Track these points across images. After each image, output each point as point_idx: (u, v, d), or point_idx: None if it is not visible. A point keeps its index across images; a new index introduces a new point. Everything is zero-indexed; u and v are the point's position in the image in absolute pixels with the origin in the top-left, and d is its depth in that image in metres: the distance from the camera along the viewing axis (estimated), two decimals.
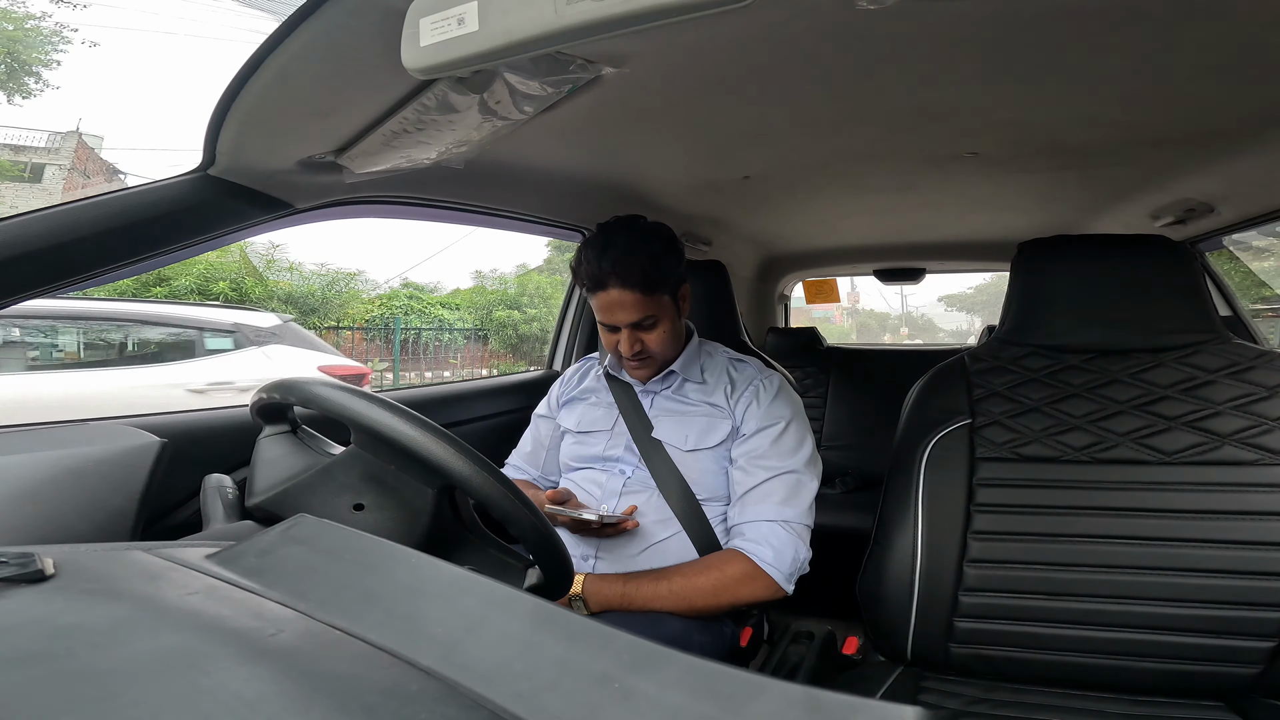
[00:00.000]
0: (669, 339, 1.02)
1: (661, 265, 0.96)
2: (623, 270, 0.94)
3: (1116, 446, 0.84)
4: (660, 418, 1.05)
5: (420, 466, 0.57)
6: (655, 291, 0.97)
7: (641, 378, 1.06)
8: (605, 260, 0.95)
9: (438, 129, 0.72)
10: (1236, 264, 4.51)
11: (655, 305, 0.98)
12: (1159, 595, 0.79)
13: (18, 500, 0.53)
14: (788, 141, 0.98)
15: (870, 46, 0.65)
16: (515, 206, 1.27)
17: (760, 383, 1.03)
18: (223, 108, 0.67)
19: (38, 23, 9.17)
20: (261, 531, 0.40)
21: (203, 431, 0.92)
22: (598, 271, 0.95)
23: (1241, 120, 0.87)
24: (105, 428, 0.68)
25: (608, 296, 0.97)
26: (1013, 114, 0.87)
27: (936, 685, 0.85)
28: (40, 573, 0.30)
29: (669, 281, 0.99)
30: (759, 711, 0.21)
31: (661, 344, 1.01)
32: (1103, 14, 0.59)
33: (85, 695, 0.21)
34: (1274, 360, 0.83)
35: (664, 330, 1.00)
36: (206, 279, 4.78)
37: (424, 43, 0.49)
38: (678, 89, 0.75)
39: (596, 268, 0.95)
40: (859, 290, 25.36)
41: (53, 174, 10.77)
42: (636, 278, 0.94)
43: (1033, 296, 0.94)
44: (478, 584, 0.31)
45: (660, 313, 0.99)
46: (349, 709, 0.22)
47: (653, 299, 0.97)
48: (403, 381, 6.73)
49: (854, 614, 0.95)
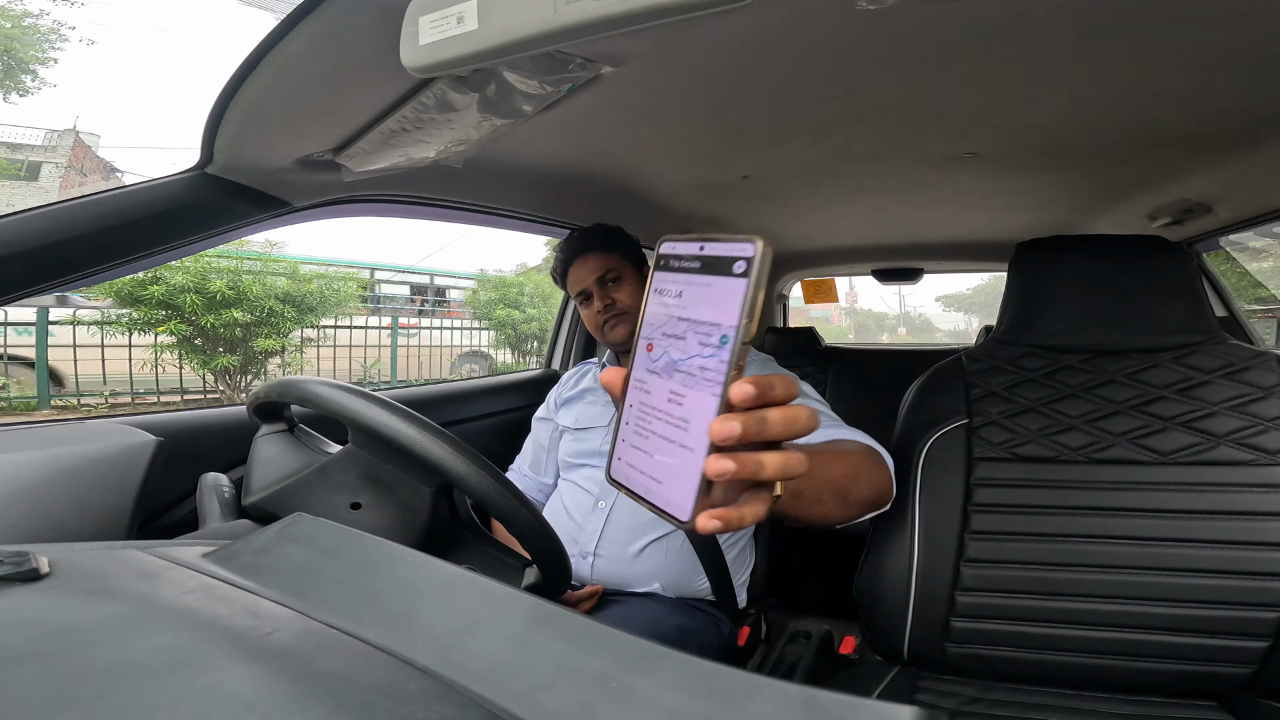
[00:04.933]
0: (637, 295, 1.12)
1: (615, 233, 1.15)
2: (581, 241, 1.13)
3: (1113, 446, 0.84)
4: None
5: (418, 465, 0.57)
6: (614, 251, 1.12)
7: (618, 336, 1.12)
8: (567, 243, 1.15)
9: (436, 128, 0.72)
10: (1233, 264, 4.52)
11: (616, 262, 1.12)
12: (1155, 595, 0.79)
13: (12, 499, 0.53)
14: (787, 141, 0.98)
15: (869, 47, 0.65)
16: (514, 205, 1.27)
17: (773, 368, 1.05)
18: (221, 106, 0.66)
19: (35, 20, 9.13)
20: (258, 530, 0.40)
21: (199, 430, 0.91)
22: (565, 255, 1.14)
23: (1239, 121, 0.87)
24: (101, 426, 0.68)
25: (574, 271, 1.13)
26: (1011, 115, 0.87)
27: (933, 685, 0.85)
28: (35, 571, 0.30)
29: (626, 246, 1.15)
30: (756, 711, 0.21)
31: (631, 298, 1.11)
32: (1102, 15, 0.59)
33: (80, 694, 0.21)
34: (1270, 361, 0.84)
35: (630, 287, 1.12)
36: (203, 277, 4.76)
37: (423, 41, 0.49)
38: (677, 89, 0.75)
39: (563, 253, 1.15)
40: (857, 290, 25.42)
41: (49, 172, 10.74)
42: (595, 240, 1.13)
43: (1030, 297, 0.94)
44: (475, 583, 0.31)
45: (622, 270, 1.12)
46: (346, 708, 0.22)
47: (612, 256, 1.12)
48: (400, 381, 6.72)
49: (851, 614, 0.95)
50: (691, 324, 0.32)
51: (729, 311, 0.30)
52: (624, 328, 1.11)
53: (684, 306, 0.33)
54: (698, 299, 0.32)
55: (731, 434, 0.29)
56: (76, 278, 0.72)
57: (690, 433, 0.31)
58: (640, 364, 0.34)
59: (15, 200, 9.74)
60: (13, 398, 4.71)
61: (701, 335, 0.31)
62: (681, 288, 0.33)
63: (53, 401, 4.75)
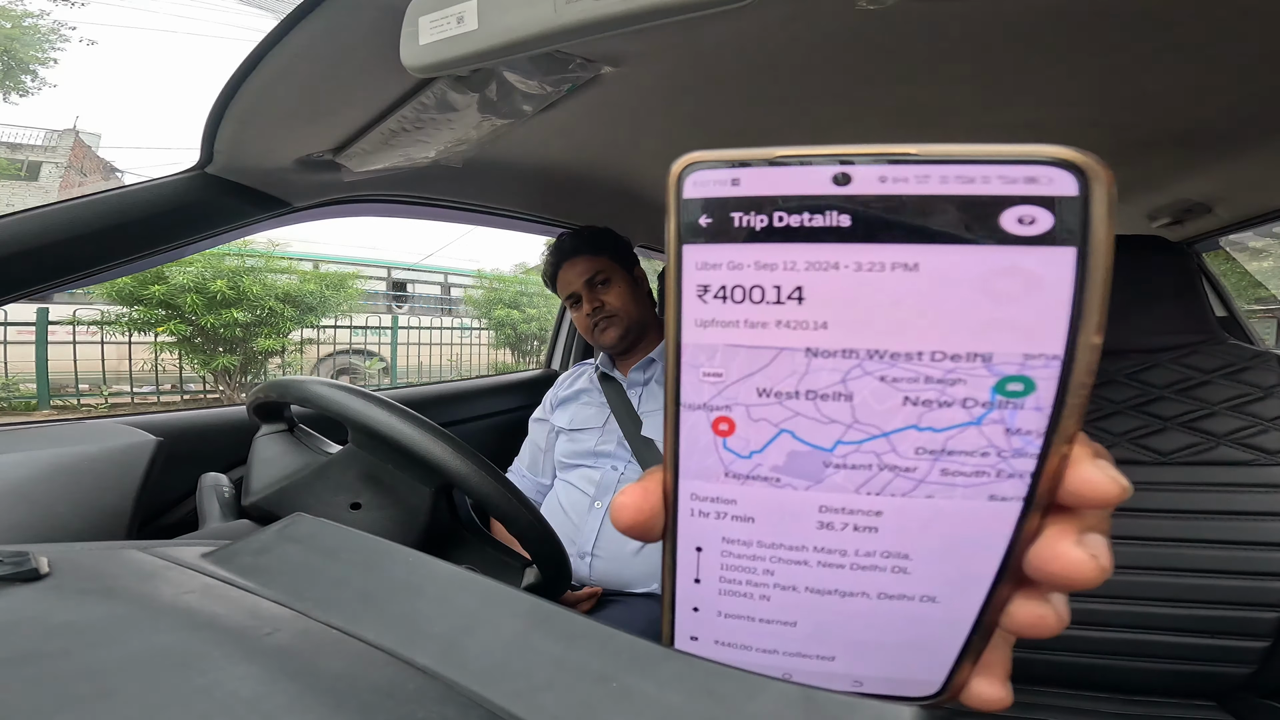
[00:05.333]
0: (627, 297, 1.12)
1: (603, 235, 1.14)
2: (569, 244, 1.14)
3: (1113, 446, 0.84)
4: (650, 414, 1.06)
5: (418, 465, 0.57)
6: (601, 253, 1.12)
7: (609, 340, 1.12)
8: (556, 247, 1.16)
9: (436, 128, 0.72)
10: (1233, 264, 4.52)
11: (604, 264, 1.11)
12: (1154, 595, 0.79)
13: (12, 498, 0.53)
14: (787, 141, 0.98)
15: (869, 47, 0.65)
16: (514, 205, 1.27)
17: None
18: (221, 106, 0.66)
19: (35, 21, 9.13)
20: (258, 530, 0.40)
21: (199, 430, 0.91)
22: (554, 259, 1.15)
23: (1240, 121, 0.87)
24: (101, 426, 0.68)
25: (563, 274, 1.14)
26: (1010, 115, 0.87)
27: None
28: (35, 571, 0.30)
29: (615, 248, 1.13)
30: (757, 710, 0.21)
31: (621, 300, 1.11)
32: (1101, 15, 0.59)
33: (80, 694, 0.21)
34: (1269, 361, 0.84)
35: (619, 289, 1.12)
36: (204, 277, 4.76)
37: (423, 41, 0.49)
38: (677, 89, 0.75)
39: (552, 257, 1.15)
40: None
41: (49, 172, 10.74)
42: (582, 242, 1.13)
43: None
44: (475, 583, 0.31)
45: (611, 272, 1.12)
46: (346, 708, 0.22)
47: (599, 259, 1.12)
48: (400, 380, 6.72)
49: None
50: (876, 363, 0.15)
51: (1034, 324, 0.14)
52: (614, 330, 1.12)
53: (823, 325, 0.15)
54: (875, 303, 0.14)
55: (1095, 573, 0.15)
56: (76, 278, 0.72)
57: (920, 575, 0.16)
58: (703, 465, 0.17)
59: (15, 200, 9.74)
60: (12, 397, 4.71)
61: (926, 388, 0.14)
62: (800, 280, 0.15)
63: (52, 401, 4.75)
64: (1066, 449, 0.14)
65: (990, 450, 0.15)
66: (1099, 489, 0.14)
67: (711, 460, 0.16)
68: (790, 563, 0.17)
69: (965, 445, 0.15)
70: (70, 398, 4.80)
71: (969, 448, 0.15)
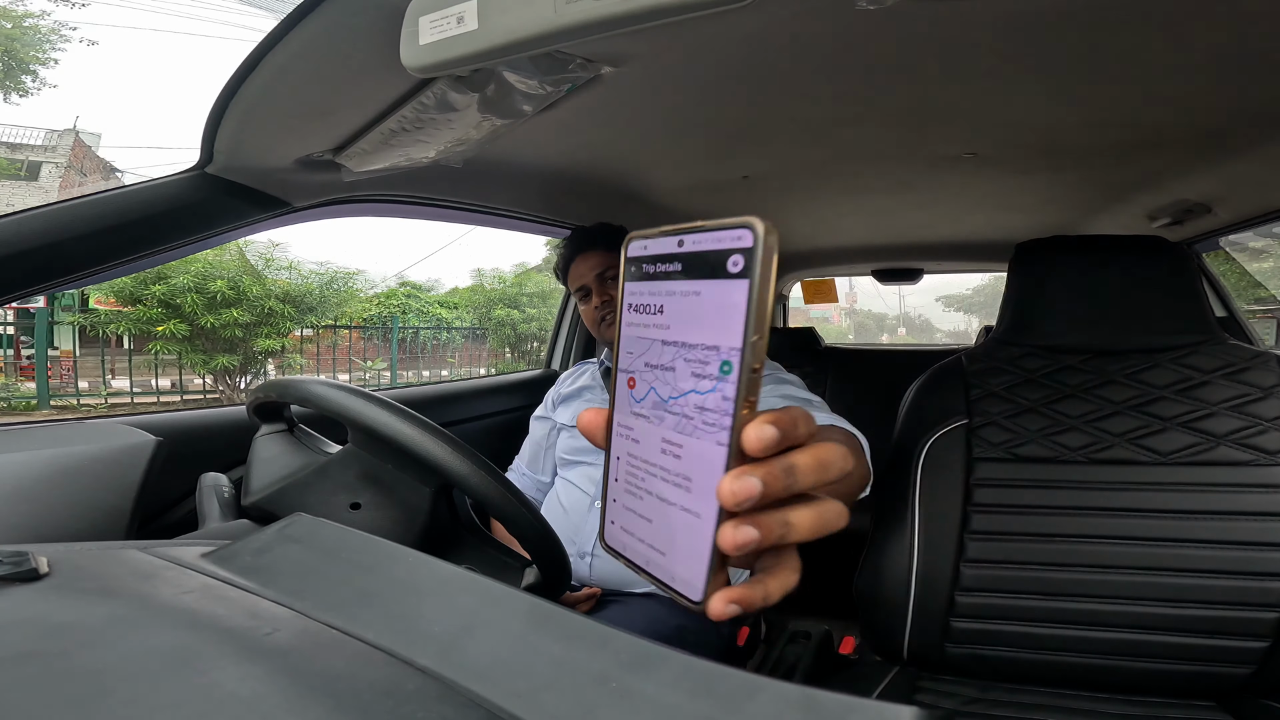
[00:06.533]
0: None
1: (618, 233, 1.16)
2: (584, 238, 1.17)
3: (1113, 447, 0.84)
4: None
5: (417, 465, 0.57)
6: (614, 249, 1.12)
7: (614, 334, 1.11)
8: (570, 240, 1.19)
9: (436, 128, 0.72)
10: (1232, 265, 4.52)
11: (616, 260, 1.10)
12: (1154, 595, 0.79)
13: (11, 498, 0.53)
14: (787, 141, 0.98)
15: (869, 47, 0.65)
16: (514, 205, 1.27)
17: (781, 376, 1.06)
18: (221, 106, 0.66)
19: (36, 21, 9.13)
20: (257, 530, 0.40)
21: (198, 430, 0.91)
22: (568, 251, 1.18)
23: (1239, 121, 0.87)
24: (100, 426, 0.68)
25: (575, 267, 1.16)
26: (1011, 115, 0.87)
27: (932, 685, 0.85)
28: (34, 571, 0.30)
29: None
30: (756, 711, 0.21)
31: None
32: (1101, 15, 0.59)
33: (79, 694, 0.21)
34: (1269, 361, 0.84)
35: None
36: (204, 277, 4.76)
37: (423, 41, 0.49)
38: (677, 89, 0.75)
39: (566, 249, 1.18)
40: (857, 291, 25.42)
41: (49, 172, 10.73)
42: (597, 237, 1.16)
43: (1030, 297, 0.94)
44: (475, 583, 0.31)
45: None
46: (345, 708, 0.22)
47: (612, 254, 1.13)
48: (400, 381, 6.72)
49: (850, 614, 0.95)
50: (680, 349, 0.24)
51: (729, 328, 0.22)
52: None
53: (667, 327, 0.25)
54: (684, 314, 0.24)
55: (750, 494, 0.22)
56: (76, 278, 0.72)
57: (694, 493, 0.24)
58: (622, 405, 0.27)
59: (15, 200, 9.73)
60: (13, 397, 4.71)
61: (696, 364, 0.23)
62: (662, 301, 0.25)
63: (52, 401, 4.75)
64: (746, 412, 0.22)
65: (713, 406, 0.23)
66: (755, 438, 0.22)
67: (625, 402, 0.27)
68: (648, 474, 0.26)
69: (710, 404, 0.23)
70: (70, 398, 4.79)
71: (711, 406, 0.23)
